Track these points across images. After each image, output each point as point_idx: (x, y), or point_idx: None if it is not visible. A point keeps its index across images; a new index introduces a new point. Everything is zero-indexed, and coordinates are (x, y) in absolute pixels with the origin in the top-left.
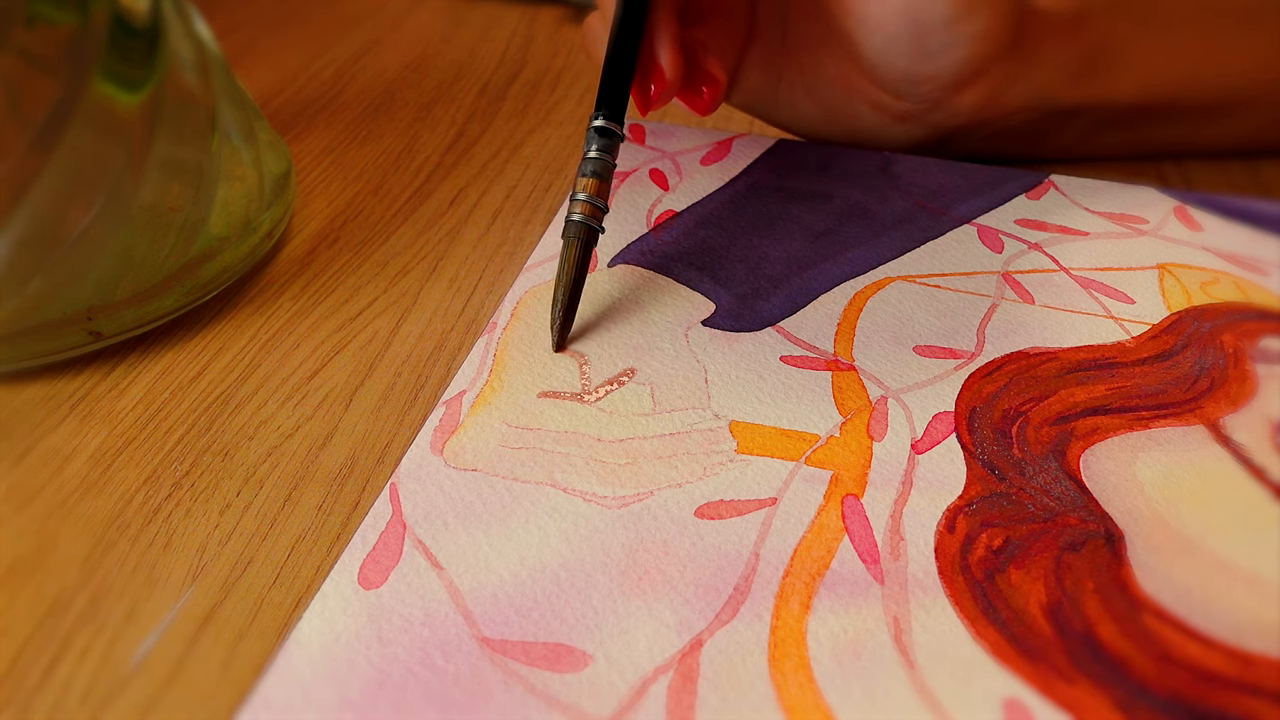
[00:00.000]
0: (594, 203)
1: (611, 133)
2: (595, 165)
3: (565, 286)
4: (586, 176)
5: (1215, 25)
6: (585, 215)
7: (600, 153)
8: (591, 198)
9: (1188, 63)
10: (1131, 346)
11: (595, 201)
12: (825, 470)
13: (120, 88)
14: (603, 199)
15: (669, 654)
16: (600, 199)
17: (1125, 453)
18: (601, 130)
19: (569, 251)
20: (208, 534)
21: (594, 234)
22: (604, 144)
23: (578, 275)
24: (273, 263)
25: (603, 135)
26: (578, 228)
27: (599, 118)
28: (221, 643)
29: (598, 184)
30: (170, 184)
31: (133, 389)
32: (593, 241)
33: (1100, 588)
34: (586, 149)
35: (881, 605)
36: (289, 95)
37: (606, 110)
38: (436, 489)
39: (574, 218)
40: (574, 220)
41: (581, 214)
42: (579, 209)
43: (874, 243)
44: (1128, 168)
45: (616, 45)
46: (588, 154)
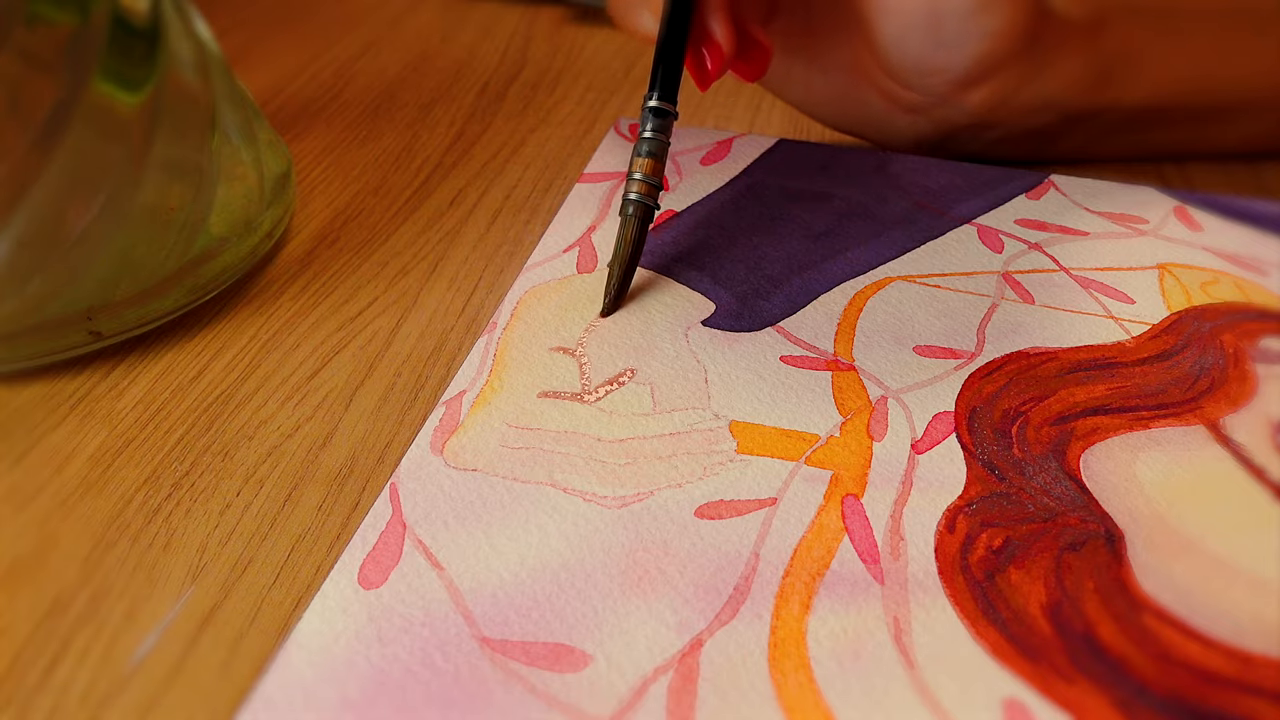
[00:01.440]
0: (649, 181)
1: (666, 112)
2: (651, 145)
3: (621, 263)
4: (642, 156)
5: (1229, 30)
6: (642, 194)
7: (655, 133)
8: (647, 177)
9: (1200, 67)
10: (1131, 346)
11: (650, 180)
12: (825, 470)
13: (120, 88)
14: (657, 178)
15: (669, 654)
16: (655, 178)
17: (1125, 453)
18: (656, 110)
19: (626, 230)
20: (208, 534)
21: (650, 212)
22: (659, 124)
23: (634, 252)
24: (273, 263)
25: (658, 115)
26: (635, 206)
27: (653, 98)
28: (221, 642)
29: (653, 164)
30: (170, 184)
31: (133, 389)
32: (649, 219)
33: (1100, 588)
34: (641, 129)
35: (881, 605)
36: (289, 95)
37: (661, 90)
38: (436, 489)
39: (631, 196)
40: (631, 199)
41: (638, 193)
42: (635, 188)
43: (874, 243)
44: (1128, 168)
45: (670, 23)
46: (643, 134)
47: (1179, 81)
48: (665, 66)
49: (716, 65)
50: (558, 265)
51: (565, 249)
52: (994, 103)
